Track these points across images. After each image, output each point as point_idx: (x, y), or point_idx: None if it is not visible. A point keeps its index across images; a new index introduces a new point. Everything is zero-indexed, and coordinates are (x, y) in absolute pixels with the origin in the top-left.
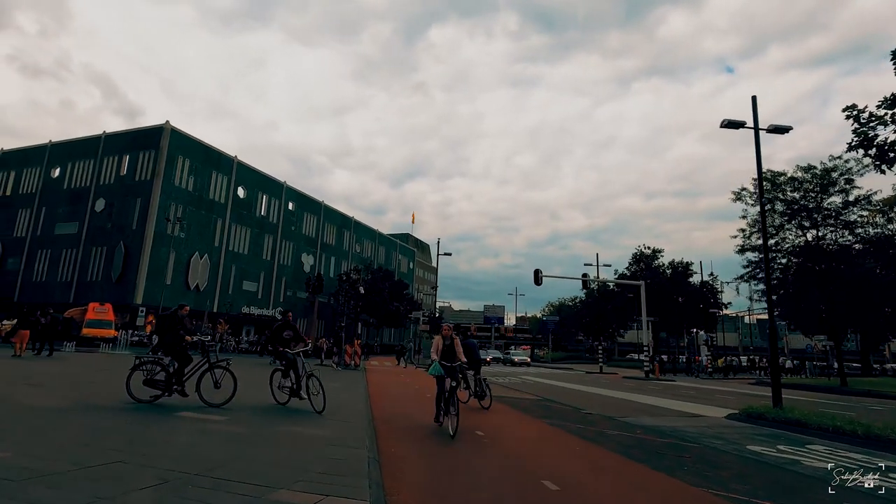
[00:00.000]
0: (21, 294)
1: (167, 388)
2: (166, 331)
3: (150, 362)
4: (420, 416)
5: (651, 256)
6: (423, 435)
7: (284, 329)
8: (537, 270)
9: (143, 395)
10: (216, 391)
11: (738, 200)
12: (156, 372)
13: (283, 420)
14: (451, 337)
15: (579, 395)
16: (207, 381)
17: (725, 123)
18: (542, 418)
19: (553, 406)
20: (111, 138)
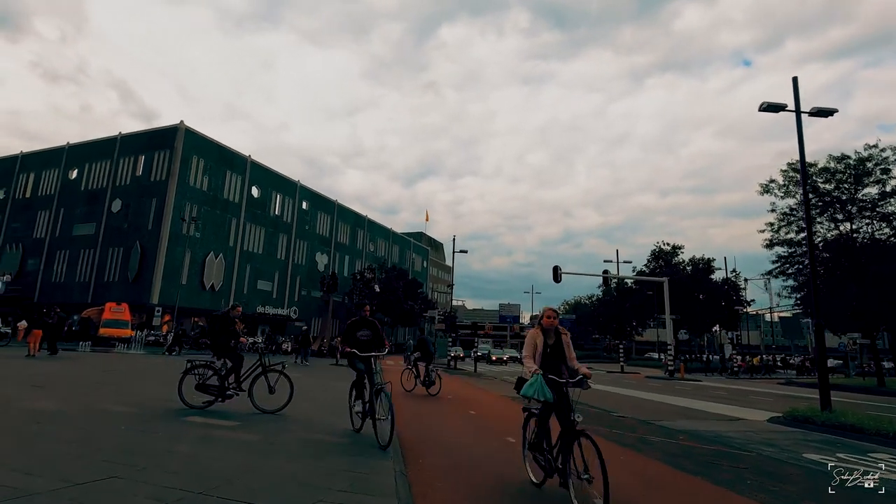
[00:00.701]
0: (41, 295)
1: (220, 392)
2: (219, 332)
3: (202, 366)
4: (443, 420)
5: (671, 253)
6: (450, 444)
7: (360, 327)
8: (556, 267)
9: (196, 401)
10: (270, 397)
11: (766, 193)
12: (208, 376)
13: (298, 426)
14: (558, 331)
15: (606, 397)
16: (261, 386)
17: (765, 106)
18: None
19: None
20: (127, 139)
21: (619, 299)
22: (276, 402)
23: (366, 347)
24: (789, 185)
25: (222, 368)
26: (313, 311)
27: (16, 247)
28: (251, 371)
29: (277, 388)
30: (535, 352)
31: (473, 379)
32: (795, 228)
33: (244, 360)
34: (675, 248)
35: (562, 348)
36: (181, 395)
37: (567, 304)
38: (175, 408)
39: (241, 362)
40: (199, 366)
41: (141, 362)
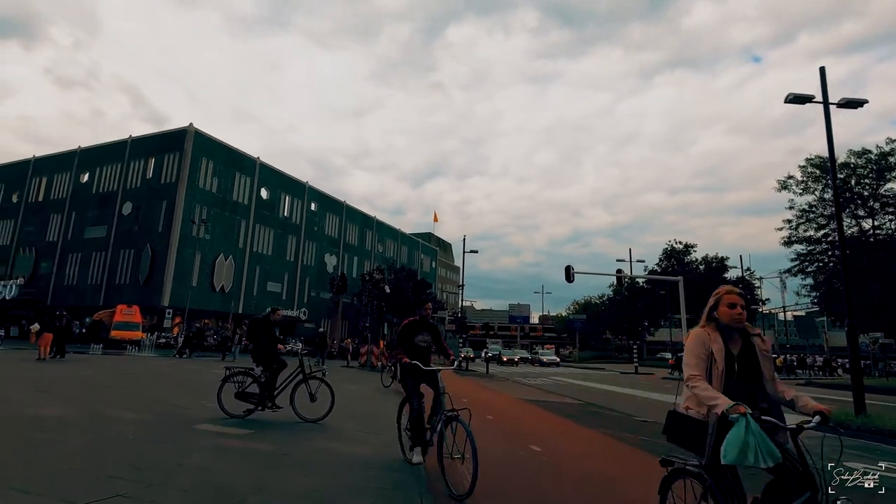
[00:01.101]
0: (53, 297)
1: (261, 401)
2: (258, 336)
3: (241, 373)
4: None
5: (683, 252)
6: None
7: (418, 330)
8: (569, 267)
9: (237, 410)
10: (311, 405)
11: (784, 190)
12: (247, 384)
13: (314, 434)
14: (747, 332)
15: (624, 399)
16: (302, 394)
17: (791, 98)
18: (597, 428)
19: (602, 412)
20: (137, 142)
21: (631, 299)
22: (316, 411)
23: (426, 357)
24: (808, 181)
25: (262, 376)
26: (323, 313)
27: (29, 250)
28: (292, 377)
29: (319, 395)
30: (711, 369)
31: (486, 380)
32: (815, 226)
33: (284, 368)
34: (688, 246)
35: (756, 361)
36: (220, 403)
37: (577, 303)
38: (185, 413)
39: (279, 372)
40: (238, 373)
41: (152, 365)
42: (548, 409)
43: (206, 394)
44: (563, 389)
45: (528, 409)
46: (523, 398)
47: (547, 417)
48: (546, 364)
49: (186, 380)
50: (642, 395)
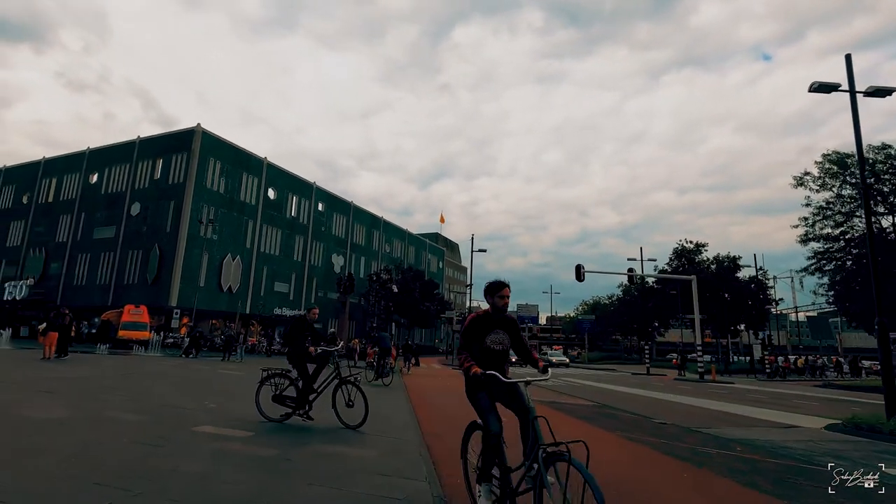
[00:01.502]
0: (63, 298)
1: (298, 405)
2: (294, 338)
3: (278, 375)
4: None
5: (694, 251)
6: None
7: (490, 328)
8: (579, 266)
9: (274, 414)
10: (349, 410)
11: (801, 186)
12: (284, 387)
13: (317, 436)
14: None
15: (639, 401)
16: (341, 398)
17: (816, 86)
18: (615, 431)
19: (619, 415)
20: (145, 143)
21: (642, 299)
22: (354, 417)
23: (501, 363)
24: (825, 177)
25: (299, 379)
26: (330, 313)
27: (39, 251)
28: (327, 382)
29: (355, 401)
30: None
31: None
32: (832, 223)
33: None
34: (699, 245)
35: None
36: (259, 406)
37: (586, 304)
38: (186, 415)
39: (313, 377)
40: (275, 375)
41: (157, 365)
42: (563, 412)
43: (208, 394)
44: (576, 391)
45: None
46: (537, 400)
47: (562, 420)
48: (555, 365)
49: (191, 380)
50: (657, 396)
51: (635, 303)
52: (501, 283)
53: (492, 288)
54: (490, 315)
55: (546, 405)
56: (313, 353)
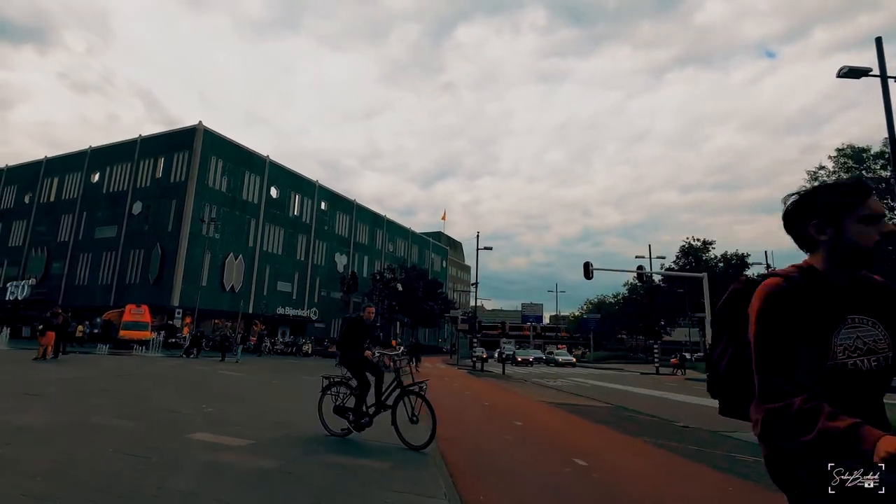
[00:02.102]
0: (64, 298)
1: (355, 419)
2: (348, 341)
3: (339, 383)
4: (490, 433)
5: (701, 249)
6: (507, 468)
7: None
8: (587, 263)
9: (336, 427)
10: (412, 426)
11: (815, 181)
12: (345, 396)
13: (325, 444)
14: None
15: (654, 402)
16: (403, 412)
17: (845, 71)
18: (639, 436)
19: (637, 417)
20: (147, 141)
21: (648, 298)
22: (418, 436)
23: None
24: (841, 171)
25: (357, 387)
26: (334, 313)
27: (41, 250)
28: (388, 392)
29: (419, 415)
30: None
31: (504, 382)
32: None
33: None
34: (706, 243)
35: None
36: (322, 418)
37: (590, 303)
38: (181, 420)
39: (369, 386)
40: (336, 383)
41: (157, 366)
42: (578, 414)
43: (206, 397)
44: (587, 391)
45: (558, 415)
46: (548, 401)
47: (580, 424)
48: (561, 364)
49: (189, 382)
50: (672, 397)
51: (641, 302)
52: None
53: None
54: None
55: (560, 407)
56: (371, 359)
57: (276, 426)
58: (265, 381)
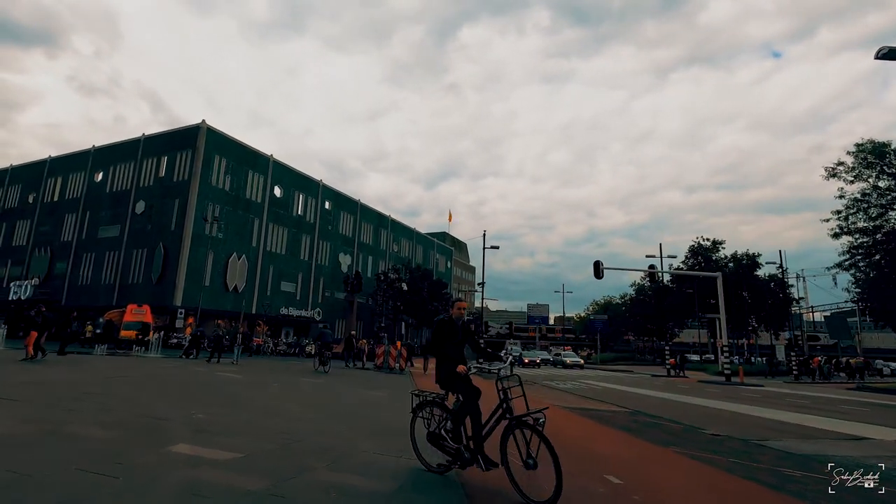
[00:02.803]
0: (67, 298)
1: (455, 455)
2: (439, 347)
3: (432, 402)
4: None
5: (710, 249)
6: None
7: None
8: (598, 262)
9: (433, 459)
10: (527, 472)
11: (833, 178)
12: (442, 421)
13: (322, 461)
14: None
15: (673, 406)
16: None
17: (885, 52)
18: (667, 445)
19: (661, 424)
20: (150, 140)
21: (656, 298)
22: (537, 485)
23: None
24: (860, 167)
25: (455, 407)
26: (337, 313)
27: (44, 250)
28: (493, 421)
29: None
30: None
31: None
32: (863, 217)
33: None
34: (716, 243)
35: None
36: (416, 448)
37: (597, 303)
38: (164, 429)
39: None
40: (429, 402)
41: (153, 367)
42: (598, 420)
43: (198, 401)
44: (600, 394)
45: (576, 421)
46: (562, 405)
47: (603, 432)
48: (569, 366)
49: (184, 384)
50: (689, 400)
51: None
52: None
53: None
54: None
55: (575, 412)
56: (463, 373)
57: (270, 435)
58: (263, 383)
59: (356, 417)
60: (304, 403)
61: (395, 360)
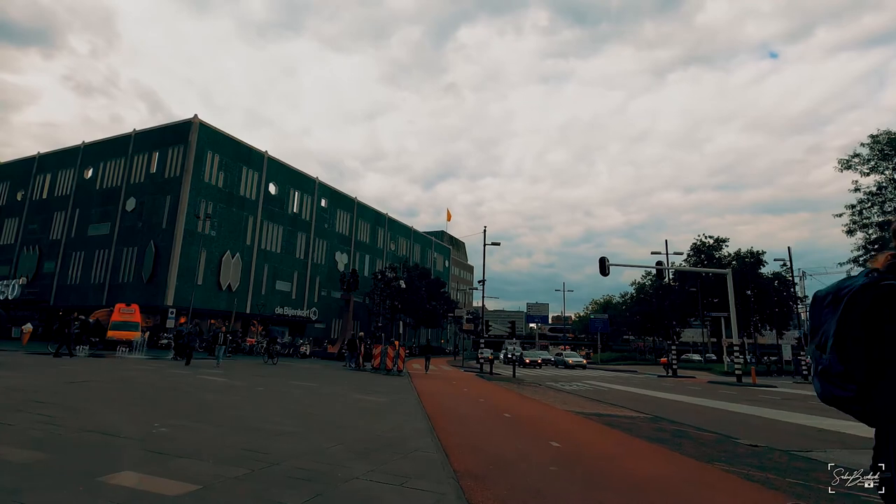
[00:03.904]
0: (57, 298)
1: None
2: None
3: None
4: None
5: (713, 247)
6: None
7: None
8: (603, 258)
9: None
10: None
11: (848, 169)
12: None
13: (295, 491)
14: None
15: (692, 411)
16: None
17: None
18: (710, 462)
19: (687, 431)
20: (141, 135)
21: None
22: None
23: None
24: (877, 158)
25: None
26: (333, 313)
27: (32, 249)
28: None
29: None
30: None
31: (517, 386)
32: (878, 211)
33: None
34: (719, 241)
35: None
36: None
37: (597, 302)
38: (110, 448)
39: None
40: None
41: (130, 370)
42: (620, 429)
43: (164, 411)
44: (608, 397)
45: (598, 431)
46: (575, 410)
47: (633, 445)
48: (571, 366)
49: (156, 390)
50: (708, 404)
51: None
52: None
53: None
54: None
55: (592, 419)
56: None
57: (240, 456)
58: (247, 387)
59: (348, 429)
60: (289, 412)
61: (391, 360)
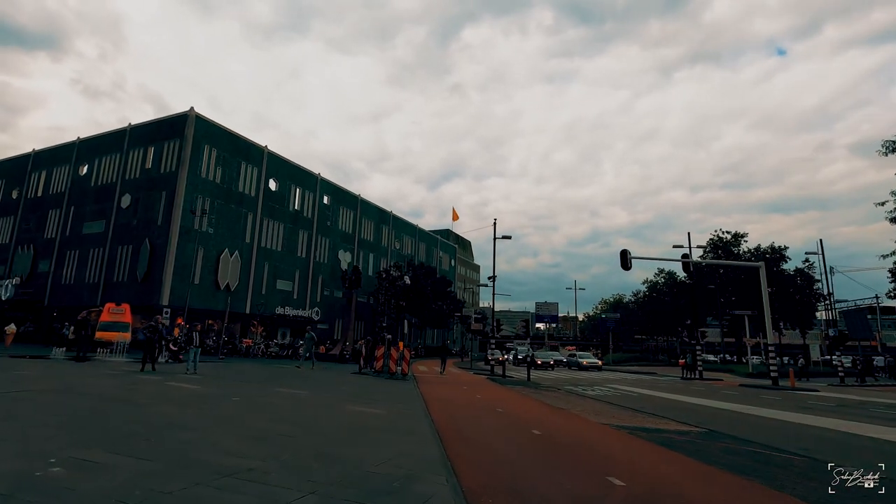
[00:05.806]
0: (51, 297)
1: None
2: None
3: None
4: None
5: (731, 242)
6: None
7: None
8: (625, 251)
9: None
10: None
11: (893, 153)
12: None
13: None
14: None
15: (744, 421)
16: None
17: None
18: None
19: (762, 453)
20: (136, 130)
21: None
22: None
23: None
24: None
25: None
26: (337, 313)
27: (27, 248)
28: None
29: None
30: None
31: (534, 391)
32: None
33: None
34: (738, 236)
35: None
36: None
37: (606, 301)
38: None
39: None
40: None
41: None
42: (680, 451)
43: (87, 436)
44: (642, 404)
45: (658, 455)
46: (614, 424)
47: (716, 480)
48: (586, 367)
49: (98, 401)
50: (759, 412)
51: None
52: None
53: None
54: None
55: (639, 435)
56: None
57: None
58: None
59: (330, 463)
60: (258, 433)
61: (395, 363)
